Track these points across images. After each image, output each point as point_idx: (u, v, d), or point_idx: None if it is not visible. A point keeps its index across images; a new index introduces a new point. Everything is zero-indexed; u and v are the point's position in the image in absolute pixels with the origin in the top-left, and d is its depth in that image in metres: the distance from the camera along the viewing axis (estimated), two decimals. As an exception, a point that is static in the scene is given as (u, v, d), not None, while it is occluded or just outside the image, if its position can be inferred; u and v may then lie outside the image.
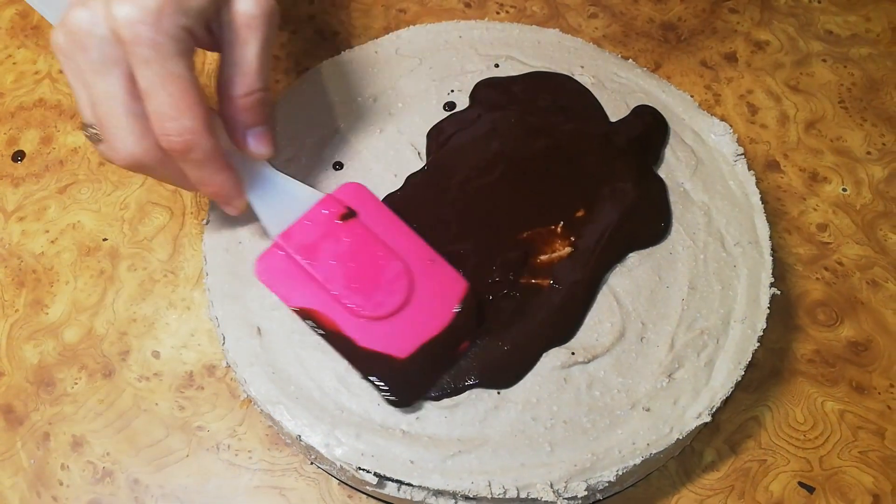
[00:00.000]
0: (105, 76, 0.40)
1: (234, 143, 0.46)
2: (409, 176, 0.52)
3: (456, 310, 0.46)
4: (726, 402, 0.48)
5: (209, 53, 0.66)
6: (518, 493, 0.44)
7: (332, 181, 0.53)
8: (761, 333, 0.49)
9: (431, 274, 0.47)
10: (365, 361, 0.45)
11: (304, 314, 0.46)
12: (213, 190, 0.45)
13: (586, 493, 0.44)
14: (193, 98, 0.41)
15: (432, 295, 0.46)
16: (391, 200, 0.51)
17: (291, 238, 0.47)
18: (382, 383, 0.45)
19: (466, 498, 0.45)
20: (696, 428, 0.46)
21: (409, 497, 0.45)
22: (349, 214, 0.48)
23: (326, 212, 0.47)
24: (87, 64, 0.40)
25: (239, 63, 0.43)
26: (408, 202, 0.51)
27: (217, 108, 0.45)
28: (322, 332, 0.46)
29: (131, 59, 0.40)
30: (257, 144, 0.46)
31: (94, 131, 0.43)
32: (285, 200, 0.48)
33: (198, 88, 0.41)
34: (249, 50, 0.43)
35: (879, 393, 0.54)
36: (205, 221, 0.52)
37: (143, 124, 0.41)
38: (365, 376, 0.45)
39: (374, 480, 0.45)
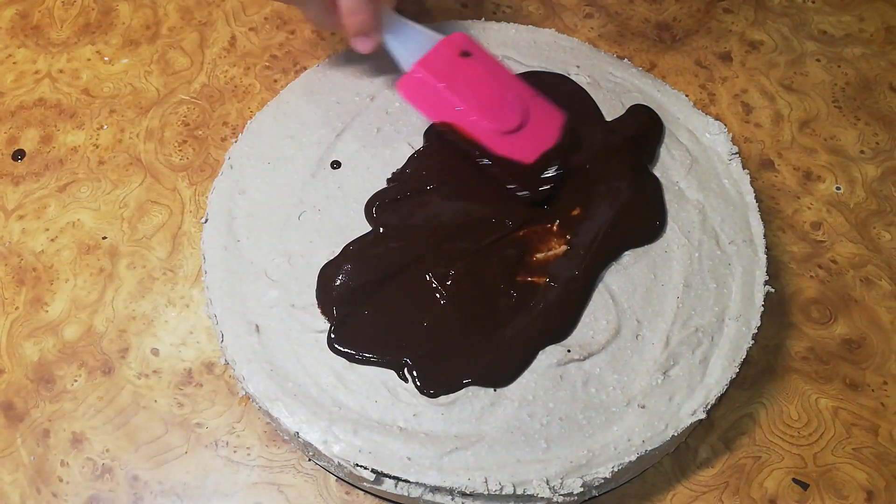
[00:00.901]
0: None
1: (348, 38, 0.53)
2: (395, 173, 0.53)
3: (562, 128, 0.53)
4: (721, 399, 0.48)
5: (207, 51, 0.67)
6: (514, 490, 0.44)
7: (331, 180, 0.53)
8: (756, 331, 0.49)
9: (537, 104, 0.54)
10: (500, 165, 0.52)
11: (446, 127, 0.53)
12: (360, 19, 0.51)
13: (582, 489, 0.45)
14: None
15: (541, 118, 0.53)
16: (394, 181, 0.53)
17: (428, 64, 0.53)
18: (516, 184, 0.51)
19: (463, 494, 0.45)
20: (690, 425, 0.47)
21: (406, 493, 0.45)
22: (466, 53, 0.54)
23: (449, 50, 0.54)
24: None
25: None
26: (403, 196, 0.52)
27: None
28: (461, 142, 0.52)
29: None
30: (360, 45, 0.53)
31: None
32: (413, 39, 0.54)
33: None
34: None
35: (873, 390, 0.54)
36: (203, 220, 0.53)
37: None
38: (503, 177, 0.51)
39: (372, 477, 0.45)
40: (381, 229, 0.51)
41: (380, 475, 0.45)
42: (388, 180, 0.53)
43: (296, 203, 0.52)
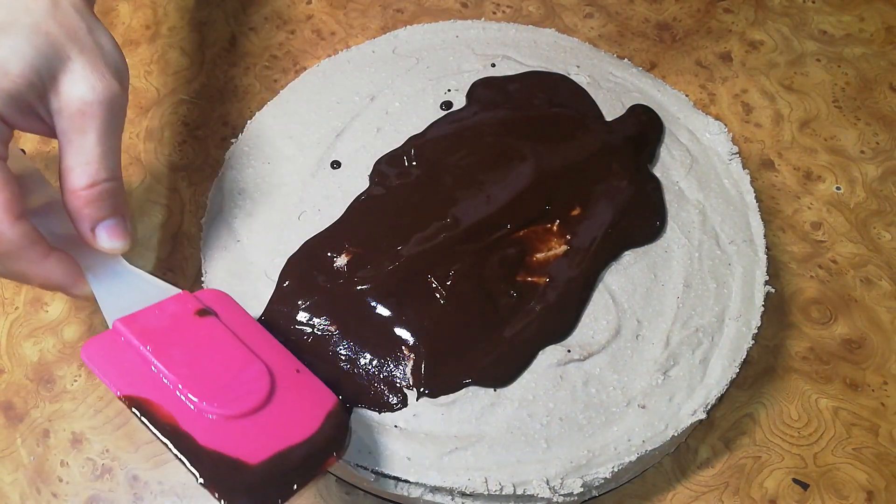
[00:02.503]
0: None
1: (83, 238, 0.41)
2: (401, 170, 0.53)
3: (328, 417, 0.41)
4: (721, 399, 0.48)
5: (207, 51, 0.67)
6: (514, 490, 0.44)
7: (331, 180, 0.53)
8: (756, 331, 0.49)
9: (297, 383, 0.42)
10: (205, 462, 0.36)
11: (135, 403, 0.37)
12: (40, 283, 0.40)
13: (582, 489, 0.45)
14: (12, 197, 0.37)
15: (296, 403, 0.41)
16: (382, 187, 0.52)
17: (134, 323, 0.40)
18: (222, 491, 0.36)
19: (463, 494, 0.45)
20: (691, 425, 0.47)
21: (406, 493, 0.45)
22: (206, 311, 0.43)
23: (183, 304, 0.42)
24: None
25: (78, 153, 0.39)
26: (397, 197, 0.52)
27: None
28: (156, 430, 0.37)
29: None
30: (109, 239, 0.41)
31: None
32: (134, 291, 0.42)
33: (2, 172, 0.38)
34: (88, 139, 0.39)
35: (873, 390, 0.54)
36: (203, 220, 0.52)
37: None
38: (206, 482, 0.36)
39: (372, 477, 0.45)
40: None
41: (380, 475, 0.45)
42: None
43: (296, 203, 0.52)
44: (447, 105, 0.56)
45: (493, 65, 0.58)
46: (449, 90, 0.57)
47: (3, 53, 0.37)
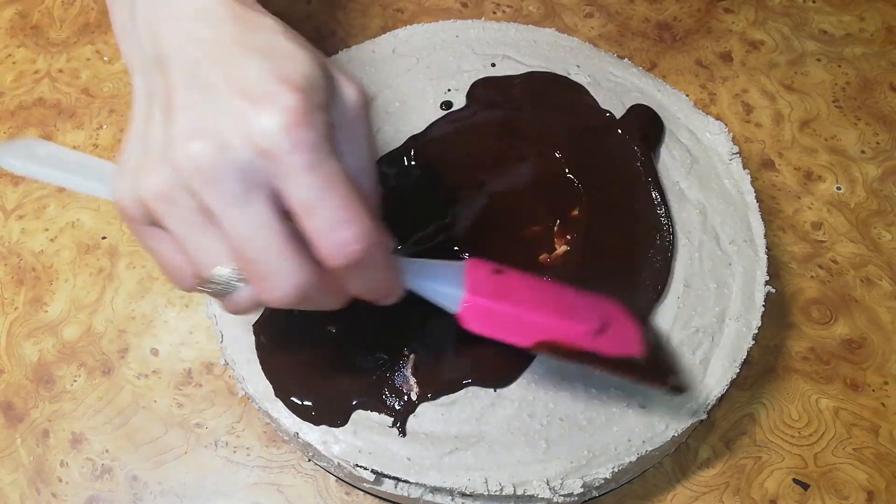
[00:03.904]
0: (249, 206, 0.32)
1: None
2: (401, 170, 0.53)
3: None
4: (721, 399, 0.48)
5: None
6: (514, 490, 0.44)
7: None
8: (756, 331, 0.49)
9: (606, 304, 0.45)
10: (617, 367, 0.42)
11: (547, 347, 0.41)
12: (383, 290, 0.38)
13: (582, 489, 0.45)
14: (360, 196, 0.34)
15: (611, 309, 0.44)
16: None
17: (478, 290, 0.41)
18: (638, 375, 0.43)
19: (463, 495, 0.45)
20: (691, 425, 0.47)
21: (406, 494, 0.45)
22: (499, 270, 0.43)
23: (480, 271, 0.43)
24: (218, 200, 0.32)
25: (356, 160, 0.36)
26: (397, 197, 0.52)
27: None
28: (566, 359, 0.42)
29: (282, 172, 0.32)
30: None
31: (226, 281, 0.35)
32: (437, 274, 0.42)
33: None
34: (363, 145, 0.36)
35: (873, 390, 0.54)
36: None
37: (302, 248, 0.33)
38: (643, 378, 0.43)
39: (372, 477, 0.45)
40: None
41: (380, 476, 0.45)
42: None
43: (295, 203, 0.52)
44: (447, 105, 0.56)
45: (493, 65, 0.58)
46: (449, 90, 0.57)
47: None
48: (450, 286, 0.41)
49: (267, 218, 0.32)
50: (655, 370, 0.44)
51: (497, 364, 0.47)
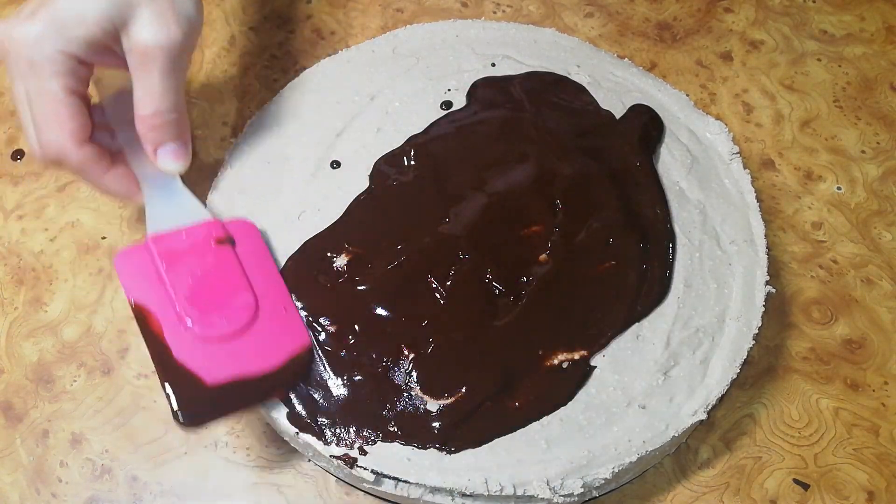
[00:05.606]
0: (13, 82, 0.46)
1: (149, 156, 0.49)
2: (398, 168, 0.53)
3: (285, 361, 0.45)
4: (722, 399, 0.48)
5: (207, 50, 0.66)
6: (514, 491, 0.44)
7: (331, 180, 0.53)
8: (756, 331, 0.49)
9: (279, 320, 0.47)
10: (171, 372, 0.43)
11: (138, 310, 0.45)
12: (103, 192, 0.49)
13: (582, 490, 0.45)
14: (64, 113, 0.45)
15: (269, 338, 0.46)
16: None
17: (161, 242, 0.47)
18: (174, 397, 0.43)
19: (463, 495, 0.45)
20: (691, 425, 0.46)
21: (406, 494, 0.45)
22: (226, 240, 0.48)
23: (207, 232, 0.48)
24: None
25: (144, 87, 0.46)
26: (397, 197, 0.52)
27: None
28: (145, 333, 0.45)
29: (15, 72, 0.45)
30: (165, 160, 0.48)
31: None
32: (178, 209, 0.49)
33: (73, 105, 0.46)
34: (152, 77, 0.46)
35: (874, 390, 0.54)
36: (203, 220, 0.52)
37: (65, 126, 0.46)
38: (162, 382, 0.43)
39: (372, 477, 0.45)
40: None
41: (380, 476, 0.45)
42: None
43: (296, 203, 0.52)
44: (447, 105, 0.56)
45: (493, 64, 0.58)
46: (449, 90, 0.57)
47: (83, 4, 0.45)
48: (160, 220, 0.48)
49: (20, 95, 0.46)
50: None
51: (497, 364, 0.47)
